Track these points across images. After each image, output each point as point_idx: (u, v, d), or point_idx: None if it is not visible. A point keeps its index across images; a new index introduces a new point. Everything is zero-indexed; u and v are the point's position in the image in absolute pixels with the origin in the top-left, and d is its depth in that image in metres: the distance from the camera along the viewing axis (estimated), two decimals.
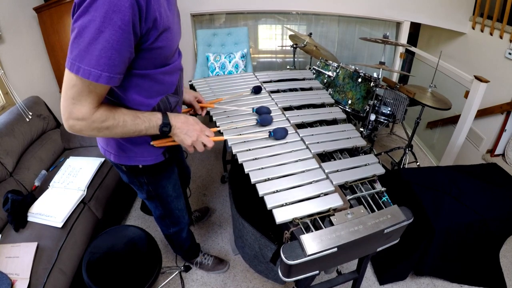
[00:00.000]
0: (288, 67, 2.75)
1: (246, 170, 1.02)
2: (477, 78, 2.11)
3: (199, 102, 1.27)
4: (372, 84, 2.02)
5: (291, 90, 1.54)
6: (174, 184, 1.25)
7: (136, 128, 0.86)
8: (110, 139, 1.02)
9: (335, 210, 0.93)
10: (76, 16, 0.67)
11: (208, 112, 1.34)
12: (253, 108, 1.26)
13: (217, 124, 1.23)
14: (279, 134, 1.14)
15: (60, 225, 1.53)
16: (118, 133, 0.85)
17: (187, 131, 0.95)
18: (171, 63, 0.92)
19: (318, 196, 0.96)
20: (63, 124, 0.79)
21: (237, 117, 1.28)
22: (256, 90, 1.45)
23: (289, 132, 1.20)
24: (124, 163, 1.05)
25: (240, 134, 1.17)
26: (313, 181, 1.00)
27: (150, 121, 0.88)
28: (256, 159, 1.07)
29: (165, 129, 0.91)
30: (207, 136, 0.99)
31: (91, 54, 0.68)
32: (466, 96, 2.26)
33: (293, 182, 0.99)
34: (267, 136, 1.15)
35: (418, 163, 2.51)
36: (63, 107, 0.76)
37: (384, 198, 0.99)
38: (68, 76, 0.72)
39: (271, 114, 1.26)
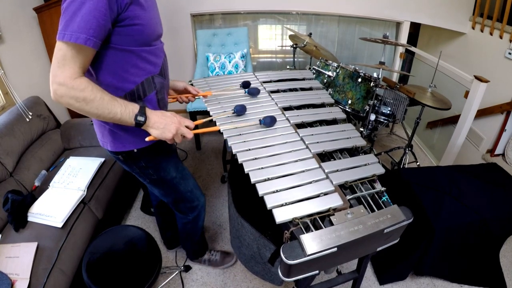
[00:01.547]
0: (288, 67, 2.75)
1: (246, 170, 1.02)
2: (477, 78, 2.12)
3: (187, 91, 1.33)
4: (372, 84, 2.02)
5: (291, 90, 1.54)
6: (175, 165, 1.27)
7: (111, 109, 0.89)
8: (105, 130, 1.08)
9: (335, 210, 0.93)
10: None
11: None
12: (260, 120, 1.22)
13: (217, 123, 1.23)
14: (268, 121, 1.19)
15: (60, 225, 1.53)
16: (93, 110, 0.87)
17: (165, 125, 0.96)
18: (155, 44, 1.01)
19: (318, 196, 0.95)
20: (51, 95, 0.85)
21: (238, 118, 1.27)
22: (245, 84, 1.47)
23: (289, 132, 1.20)
24: (120, 150, 1.10)
25: (232, 122, 1.21)
26: (313, 181, 1.00)
27: (126, 107, 0.91)
28: (256, 159, 1.07)
29: (140, 119, 0.93)
30: (187, 127, 1.02)
31: (74, 22, 0.80)
32: (466, 96, 2.26)
33: (293, 182, 0.99)
34: (258, 123, 1.19)
35: (418, 163, 2.51)
36: (51, 72, 0.83)
37: (384, 198, 0.99)
38: (57, 44, 0.82)
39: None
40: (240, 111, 1.26)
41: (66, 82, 0.82)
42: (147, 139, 1.00)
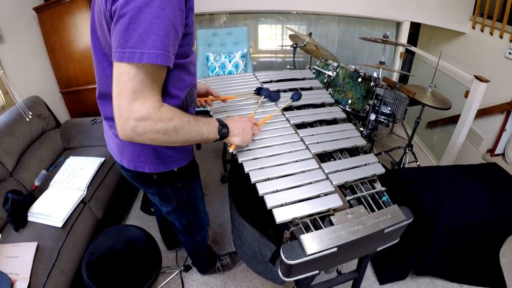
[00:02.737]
0: (288, 66, 2.75)
1: (246, 169, 1.02)
2: (477, 78, 2.11)
3: (209, 93, 1.23)
4: (372, 83, 2.02)
5: (291, 90, 1.54)
6: (200, 182, 1.23)
7: (199, 131, 0.78)
8: (143, 149, 0.92)
9: (335, 210, 0.93)
10: (124, 0, 0.59)
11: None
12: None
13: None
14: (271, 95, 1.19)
15: (60, 225, 1.53)
16: (182, 137, 0.75)
17: (243, 129, 0.92)
18: (191, 54, 0.87)
19: (318, 196, 0.95)
20: (119, 131, 0.67)
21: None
22: (259, 91, 1.44)
23: (289, 133, 1.20)
24: (160, 171, 0.97)
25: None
26: (313, 181, 1.00)
27: (209, 123, 0.82)
28: (256, 159, 1.07)
29: (224, 131, 0.86)
30: (255, 124, 0.99)
31: (156, 35, 0.60)
32: (466, 96, 2.26)
33: (293, 182, 0.99)
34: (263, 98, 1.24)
35: (418, 163, 2.51)
36: (119, 107, 0.64)
37: (384, 198, 0.99)
38: (124, 69, 0.62)
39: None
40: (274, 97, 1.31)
41: (151, 115, 0.65)
42: (231, 150, 0.94)
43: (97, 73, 0.84)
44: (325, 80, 2.09)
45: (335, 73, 2.05)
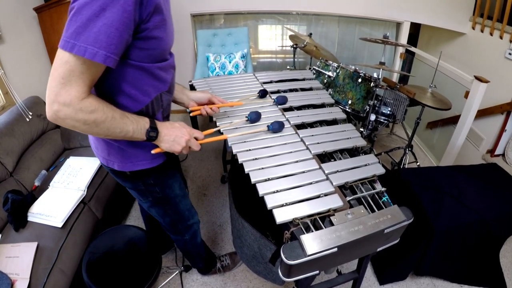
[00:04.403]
0: (288, 67, 2.75)
1: (246, 170, 1.02)
2: (477, 78, 2.12)
3: (211, 102, 1.21)
4: (372, 84, 2.02)
5: (291, 90, 1.54)
6: (179, 182, 1.21)
7: (123, 128, 0.80)
8: (111, 148, 0.97)
9: (335, 210, 0.93)
10: None
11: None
12: (268, 126, 1.19)
13: (217, 124, 1.22)
14: (275, 127, 1.15)
15: (60, 225, 1.53)
16: (103, 131, 0.77)
17: (175, 137, 0.91)
18: (165, 60, 0.89)
19: (318, 196, 0.96)
20: (46, 111, 0.71)
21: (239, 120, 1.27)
22: (263, 94, 1.42)
23: (289, 133, 1.20)
24: (129, 170, 1.00)
25: (236, 128, 1.18)
26: (313, 181, 1.00)
27: (138, 123, 0.83)
28: (256, 159, 1.07)
29: (152, 134, 0.86)
30: (196, 138, 0.97)
31: (89, 31, 0.65)
32: (466, 96, 2.26)
33: (293, 182, 0.99)
34: (266, 130, 1.15)
35: (418, 163, 2.51)
36: (49, 88, 0.69)
37: (384, 198, 0.99)
38: (60, 54, 0.68)
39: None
40: (254, 119, 1.20)
41: (73, 103, 0.69)
42: (153, 151, 0.94)
43: None
44: (325, 81, 2.09)
45: (335, 73, 2.05)
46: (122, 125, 0.80)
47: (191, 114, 1.17)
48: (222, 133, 1.16)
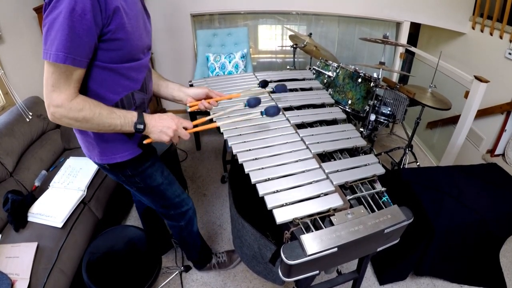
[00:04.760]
0: (288, 67, 2.75)
1: (246, 170, 1.02)
2: (477, 78, 2.12)
3: (209, 97, 1.23)
4: (372, 84, 2.02)
5: (291, 90, 1.54)
6: (161, 171, 1.24)
7: (112, 122, 0.90)
8: (90, 144, 1.06)
9: (335, 210, 0.93)
10: (46, 13, 0.77)
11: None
12: (261, 112, 1.15)
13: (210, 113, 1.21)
14: (271, 111, 1.09)
15: (60, 225, 1.53)
16: (94, 126, 0.89)
17: (162, 129, 0.97)
18: (137, 60, 0.96)
19: (318, 196, 0.96)
20: (48, 117, 0.85)
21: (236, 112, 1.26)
22: (263, 84, 1.37)
23: (289, 132, 1.20)
24: (107, 162, 1.08)
25: (229, 117, 1.18)
26: (313, 181, 1.00)
27: (125, 118, 0.92)
28: (256, 159, 1.07)
29: (139, 127, 0.94)
30: (185, 128, 1.02)
31: (59, 40, 0.76)
32: (466, 96, 2.26)
33: (293, 182, 0.99)
34: (259, 115, 1.11)
35: (418, 163, 2.51)
36: (44, 95, 0.83)
37: (384, 198, 0.99)
38: (46, 66, 0.80)
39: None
40: (253, 104, 1.17)
41: (63, 105, 0.82)
42: (145, 142, 1.00)
43: None
44: (325, 81, 2.09)
45: (335, 73, 2.05)
46: (110, 120, 0.90)
47: (189, 110, 1.20)
48: (214, 122, 1.16)
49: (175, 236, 1.55)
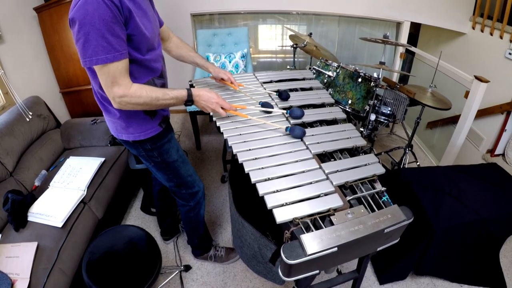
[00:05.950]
0: (288, 67, 2.75)
1: (246, 169, 1.02)
2: (477, 78, 2.11)
3: (223, 80, 1.46)
4: (372, 84, 2.02)
5: (291, 90, 1.54)
6: (176, 148, 1.37)
7: (168, 103, 1.11)
8: (118, 124, 1.22)
9: (335, 210, 0.93)
10: (76, 29, 0.90)
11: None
12: (287, 128, 1.21)
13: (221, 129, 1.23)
14: (296, 132, 1.17)
15: (60, 225, 1.53)
16: (155, 106, 1.12)
17: (206, 101, 1.17)
18: (153, 50, 1.13)
19: (318, 196, 0.96)
20: (114, 106, 1.04)
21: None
22: (285, 96, 1.44)
23: (289, 133, 1.20)
24: (133, 139, 1.24)
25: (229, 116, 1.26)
26: (313, 181, 1.00)
27: (177, 98, 1.13)
28: (256, 159, 1.07)
29: (189, 103, 1.17)
30: (222, 109, 1.20)
31: (101, 45, 0.91)
32: (466, 96, 2.26)
33: (293, 182, 0.99)
34: (284, 130, 1.20)
35: (418, 163, 2.51)
36: (107, 92, 1.01)
37: (384, 198, 0.99)
38: (100, 70, 0.96)
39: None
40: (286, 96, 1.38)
41: (126, 94, 1.00)
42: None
43: (88, 74, 1.11)
44: (325, 81, 2.09)
45: (335, 73, 2.05)
46: (165, 102, 1.10)
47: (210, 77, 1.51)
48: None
49: (182, 216, 1.61)
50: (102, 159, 1.96)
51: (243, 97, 1.43)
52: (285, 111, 1.30)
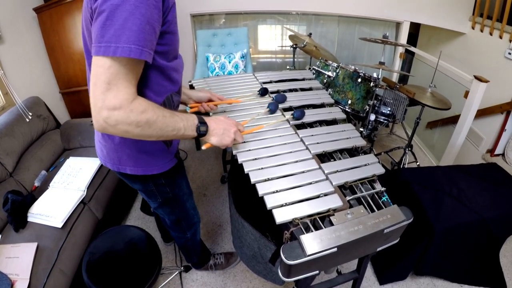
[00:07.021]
0: (288, 67, 2.75)
1: (246, 170, 1.02)
2: (477, 78, 2.11)
3: (210, 100, 1.24)
4: (372, 84, 2.02)
5: (291, 90, 1.54)
6: (186, 180, 1.26)
7: (175, 126, 0.79)
8: (123, 156, 0.97)
9: (335, 210, 0.93)
10: None
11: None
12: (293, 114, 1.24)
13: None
14: (280, 99, 1.20)
15: (60, 225, 1.53)
16: (156, 131, 0.75)
17: (224, 130, 0.92)
18: (177, 58, 0.92)
19: (318, 196, 0.95)
20: (94, 121, 0.68)
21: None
22: (263, 92, 1.43)
23: (289, 133, 1.20)
24: (143, 173, 1.03)
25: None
26: (313, 181, 1.00)
27: (187, 120, 0.82)
28: (256, 159, 1.07)
29: (203, 129, 0.86)
30: (239, 130, 0.99)
31: (130, 30, 0.64)
32: (466, 96, 2.26)
33: (293, 182, 0.99)
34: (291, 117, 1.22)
35: (418, 163, 2.51)
36: (95, 97, 0.66)
37: (384, 198, 0.99)
38: (100, 61, 0.66)
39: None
40: (280, 99, 1.33)
41: (123, 105, 0.67)
42: (204, 147, 0.93)
43: (88, 75, 0.87)
44: (325, 81, 2.09)
45: (334, 73, 2.05)
46: (173, 123, 0.79)
47: (189, 111, 1.19)
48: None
49: (179, 246, 1.57)
50: None
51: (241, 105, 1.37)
52: (291, 116, 1.26)
